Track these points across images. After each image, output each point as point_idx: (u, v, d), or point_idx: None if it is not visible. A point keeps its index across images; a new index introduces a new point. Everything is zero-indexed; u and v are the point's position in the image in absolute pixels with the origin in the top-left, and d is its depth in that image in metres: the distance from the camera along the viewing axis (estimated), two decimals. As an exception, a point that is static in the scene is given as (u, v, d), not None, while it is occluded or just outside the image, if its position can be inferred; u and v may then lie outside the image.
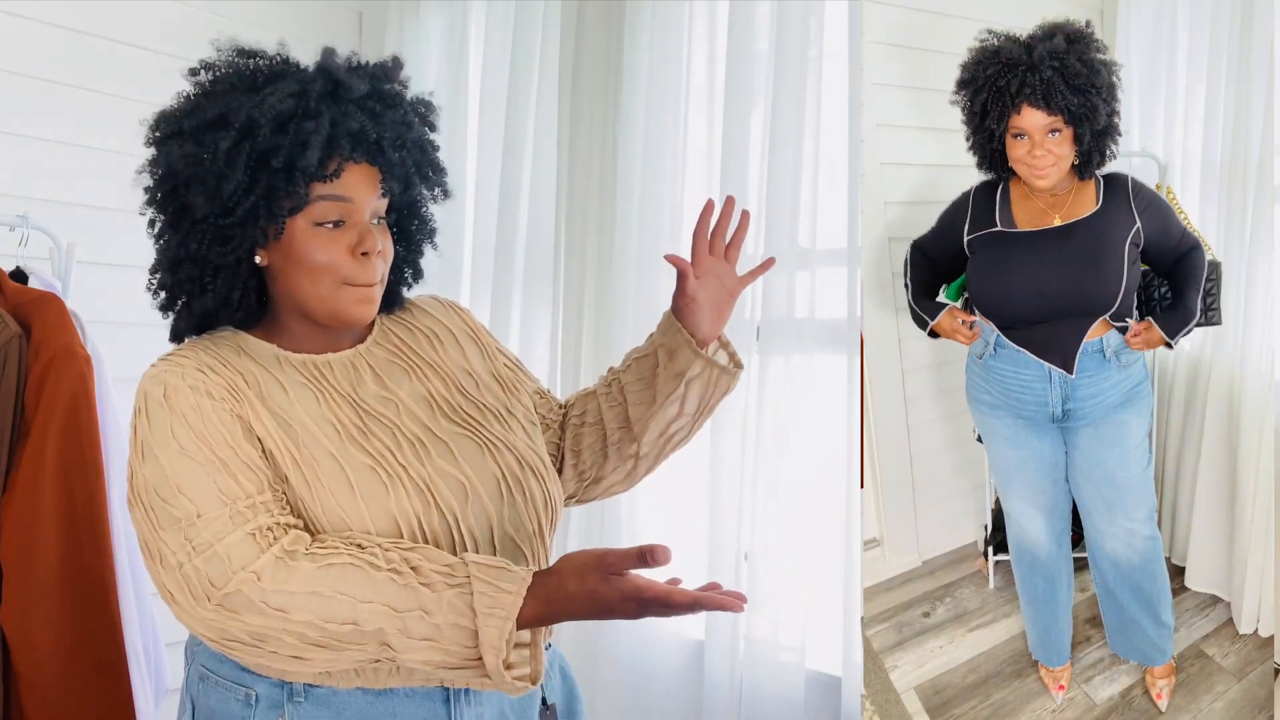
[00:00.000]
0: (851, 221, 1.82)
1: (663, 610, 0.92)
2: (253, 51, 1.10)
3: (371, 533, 1.00)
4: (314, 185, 1.05)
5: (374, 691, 1.03)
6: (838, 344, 1.84)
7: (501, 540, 1.08)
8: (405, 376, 1.16)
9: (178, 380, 1.02)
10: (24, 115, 2.01)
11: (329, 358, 1.13)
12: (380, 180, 1.08)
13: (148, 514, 0.98)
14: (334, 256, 1.06)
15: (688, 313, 1.20)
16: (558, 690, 1.20)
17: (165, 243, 1.11)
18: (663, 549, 0.89)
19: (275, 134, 1.02)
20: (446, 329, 1.25)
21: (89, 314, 1.74)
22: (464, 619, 0.92)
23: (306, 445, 1.03)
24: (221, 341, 1.10)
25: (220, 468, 0.98)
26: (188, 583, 0.94)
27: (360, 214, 1.07)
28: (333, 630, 0.92)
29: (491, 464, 1.10)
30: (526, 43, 2.24)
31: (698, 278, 1.20)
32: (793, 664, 1.84)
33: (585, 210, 2.19)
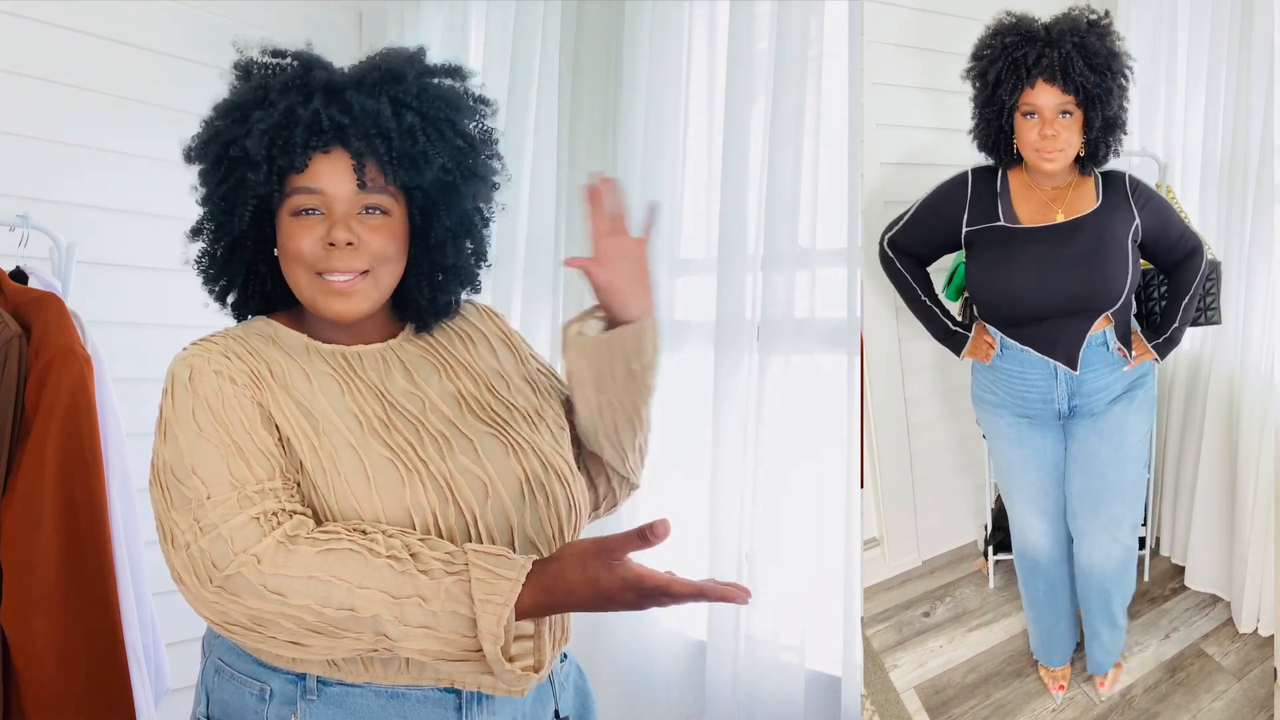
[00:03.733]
0: (851, 221, 1.82)
1: (664, 599, 0.92)
2: (280, 51, 1.12)
3: (383, 523, 1.00)
4: (290, 177, 1.07)
5: (386, 693, 1.03)
6: (838, 344, 1.84)
7: (521, 542, 1.07)
8: (435, 373, 1.16)
9: (203, 365, 1.04)
10: (24, 115, 2.01)
11: (359, 349, 1.14)
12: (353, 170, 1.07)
13: (164, 493, 1.00)
14: (306, 246, 1.06)
15: (615, 303, 1.14)
16: (570, 703, 1.19)
17: None
18: (661, 523, 0.89)
19: (234, 125, 1.07)
20: (480, 332, 1.25)
21: (89, 314, 1.74)
22: (462, 606, 0.92)
23: (326, 434, 1.04)
24: (252, 330, 1.13)
25: (235, 452, 0.99)
26: (193, 563, 0.95)
27: (336, 204, 1.07)
28: (329, 616, 0.93)
29: (515, 465, 1.10)
30: (526, 43, 2.24)
31: (607, 266, 1.13)
32: (793, 664, 1.84)
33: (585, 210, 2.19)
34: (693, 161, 2.06)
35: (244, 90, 1.09)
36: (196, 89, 2.15)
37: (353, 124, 1.06)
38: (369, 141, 1.07)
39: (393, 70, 1.11)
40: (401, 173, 1.09)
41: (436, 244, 1.16)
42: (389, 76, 1.10)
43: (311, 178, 1.06)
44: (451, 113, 1.13)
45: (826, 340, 1.85)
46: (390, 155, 1.08)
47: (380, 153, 1.07)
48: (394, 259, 1.11)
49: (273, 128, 1.05)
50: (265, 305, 1.18)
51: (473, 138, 1.15)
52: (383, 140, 1.07)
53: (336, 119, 1.06)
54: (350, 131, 1.06)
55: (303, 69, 1.09)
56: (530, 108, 2.21)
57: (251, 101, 1.08)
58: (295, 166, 1.06)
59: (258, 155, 1.04)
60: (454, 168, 1.12)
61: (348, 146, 1.07)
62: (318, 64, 1.10)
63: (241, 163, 1.06)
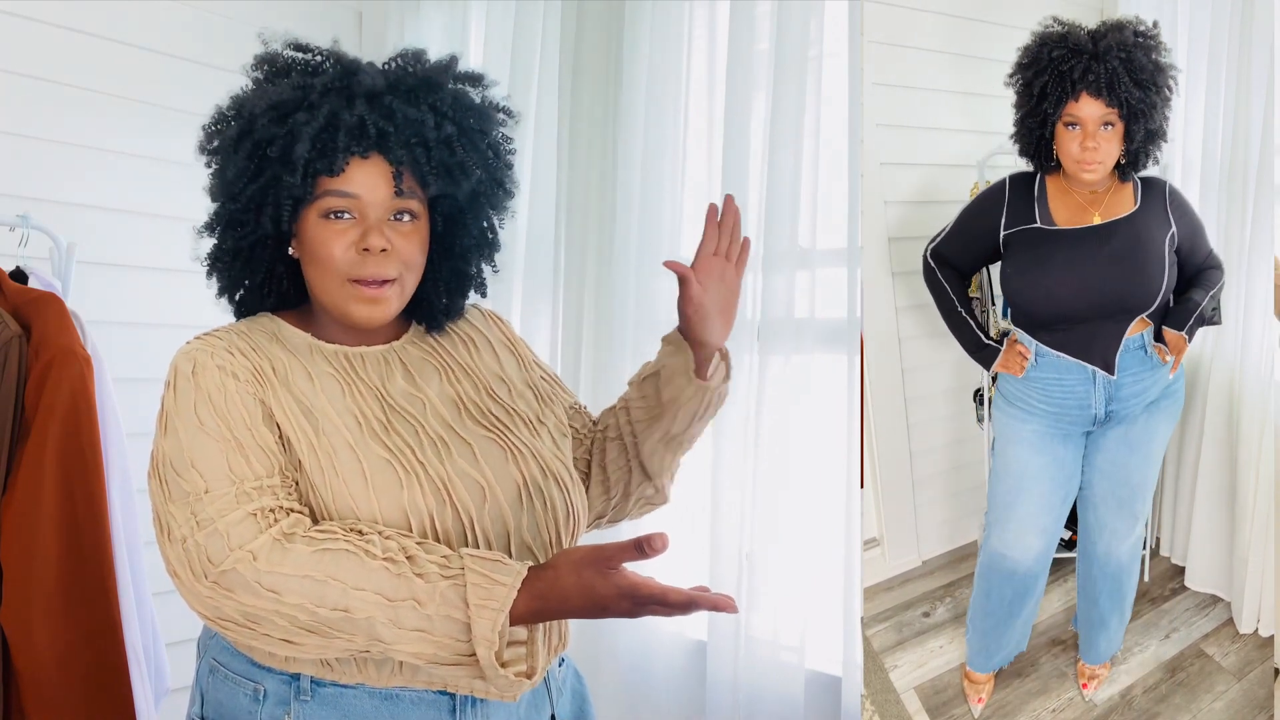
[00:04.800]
0: (851, 221, 1.82)
1: (658, 609, 0.92)
2: (304, 46, 1.12)
3: (379, 524, 1.00)
4: (321, 180, 1.06)
5: (380, 694, 1.03)
6: (838, 344, 1.84)
7: (518, 547, 1.07)
8: (436, 376, 1.16)
9: (207, 359, 1.04)
10: (24, 115, 2.01)
11: (362, 350, 1.14)
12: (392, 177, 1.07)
13: (162, 485, 0.99)
14: (338, 251, 1.06)
15: (696, 321, 1.17)
16: (568, 708, 1.19)
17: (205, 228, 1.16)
18: (659, 537, 0.89)
19: (273, 124, 1.06)
20: (484, 336, 1.25)
21: (89, 314, 1.74)
22: (456, 611, 0.92)
23: (326, 434, 1.03)
24: (257, 327, 1.12)
25: (235, 447, 0.99)
26: (189, 557, 0.95)
27: (369, 210, 1.07)
28: (323, 616, 0.92)
29: (514, 469, 1.10)
30: (526, 43, 2.24)
31: (702, 283, 1.17)
32: (793, 664, 1.84)
33: (585, 210, 2.19)
34: (693, 161, 2.06)
35: (282, 89, 1.07)
36: (197, 89, 2.16)
37: (395, 132, 1.06)
38: (409, 150, 1.07)
39: (429, 78, 1.11)
40: (440, 182, 1.10)
41: (460, 252, 1.17)
42: (425, 84, 1.10)
43: (347, 181, 1.06)
44: (483, 123, 1.14)
45: (826, 340, 1.85)
46: (429, 164, 1.08)
47: (420, 162, 1.08)
48: (419, 265, 1.12)
49: (317, 132, 1.04)
50: (276, 304, 1.17)
51: (499, 148, 1.16)
52: (423, 149, 1.07)
53: (381, 126, 1.05)
54: (392, 139, 1.06)
55: (344, 72, 1.09)
56: (530, 108, 2.21)
57: (292, 102, 1.06)
58: (332, 170, 1.05)
59: (300, 158, 1.04)
60: (485, 178, 1.14)
61: (387, 154, 1.06)
62: (358, 67, 1.10)
63: (277, 163, 1.05)
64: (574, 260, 2.21)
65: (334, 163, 1.04)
